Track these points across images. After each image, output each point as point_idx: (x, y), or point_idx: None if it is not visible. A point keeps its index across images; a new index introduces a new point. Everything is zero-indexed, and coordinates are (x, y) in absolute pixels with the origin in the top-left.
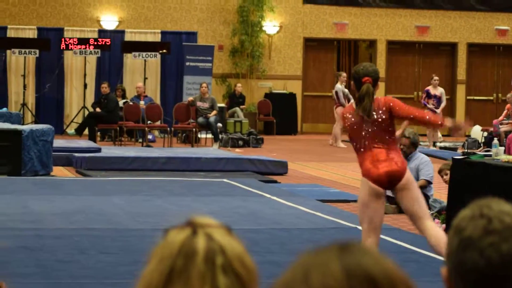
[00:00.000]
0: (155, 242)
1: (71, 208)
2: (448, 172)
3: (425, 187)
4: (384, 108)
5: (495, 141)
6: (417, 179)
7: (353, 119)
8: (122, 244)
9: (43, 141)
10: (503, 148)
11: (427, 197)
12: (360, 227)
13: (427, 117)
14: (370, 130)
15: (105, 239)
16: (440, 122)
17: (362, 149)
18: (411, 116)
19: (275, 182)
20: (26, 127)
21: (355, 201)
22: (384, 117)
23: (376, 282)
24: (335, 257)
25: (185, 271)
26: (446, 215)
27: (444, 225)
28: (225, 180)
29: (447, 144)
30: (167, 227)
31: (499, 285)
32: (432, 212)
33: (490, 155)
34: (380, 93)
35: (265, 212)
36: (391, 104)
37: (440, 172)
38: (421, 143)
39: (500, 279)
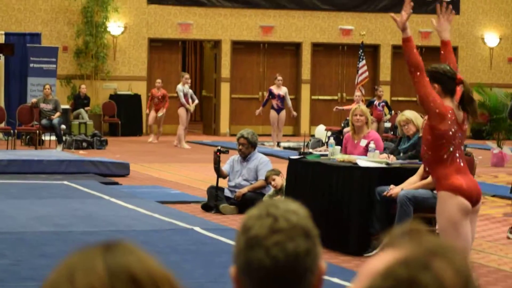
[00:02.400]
0: None
1: None
2: (276, 177)
3: (264, 187)
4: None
5: (331, 140)
6: (256, 179)
7: (449, 123)
8: None
9: None
10: (339, 147)
11: (263, 196)
12: (195, 228)
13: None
14: (461, 138)
15: None
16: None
17: (451, 159)
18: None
19: (116, 184)
20: None
21: (195, 202)
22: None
23: (138, 281)
24: (99, 257)
25: None
26: None
27: None
28: (65, 182)
29: (290, 144)
30: None
31: (285, 283)
32: None
33: (327, 155)
34: (224, 94)
35: (102, 214)
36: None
37: (266, 179)
38: (265, 143)
39: (286, 278)
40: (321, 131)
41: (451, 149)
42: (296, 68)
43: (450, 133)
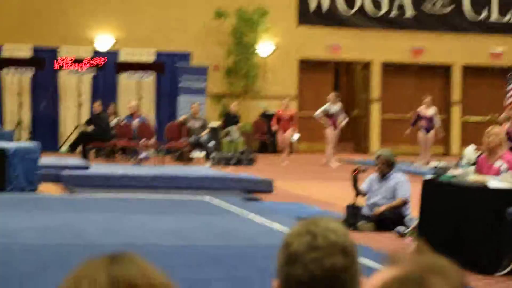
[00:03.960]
0: None
1: (47, 224)
2: None
3: (401, 206)
4: None
5: (464, 161)
6: (394, 198)
7: None
8: None
9: (29, 159)
10: (472, 168)
11: (403, 217)
12: None
13: None
14: None
15: (72, 254)
16: None
17: None
18: None
19: (258, 200)
20: (12, 145)
21: None
22: None
23: None
24: (103, 267)
25: None
26: (418, 234)
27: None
28: (207, 197)
29: (440, 164)
30: None
31: None
32: (407, 230)
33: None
34: (375, 114)
35: (239, 230)
36: None
37: None
38: (414, 163)
39: None
40: (470, 151)
41: None
42: (446, 90)
43: None
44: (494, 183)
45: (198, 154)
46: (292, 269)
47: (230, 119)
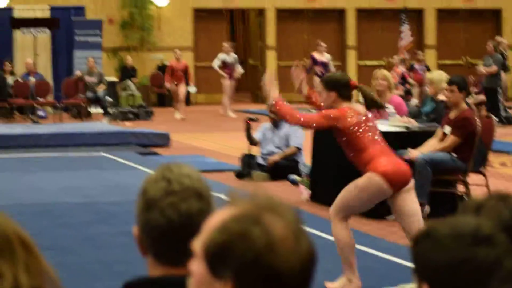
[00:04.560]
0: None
1: None
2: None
3: (295, 154)
4: None
5: None
6: (288, 146)
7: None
8: None
9: None
10: None
11: (296, 163)
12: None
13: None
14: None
15: None
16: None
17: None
18: None
19: (156, 154)
20: None
21: (229, 170)
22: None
23: None
24: None
25: None
26: (311, 180)
27: (309, 191)
28: (103, 154)
29: None
30: None
31: (180, 241)
32: (301, 178)
33: None
34: (271, 62)
35: (135, 185)
36: None
37: None
38: (312, 110)
39: (180, 236)
40: None
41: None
42: (341, 34)
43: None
44: (382, 127)
45: (96, 109)
46: (150, 215)
47: (126, 72)
